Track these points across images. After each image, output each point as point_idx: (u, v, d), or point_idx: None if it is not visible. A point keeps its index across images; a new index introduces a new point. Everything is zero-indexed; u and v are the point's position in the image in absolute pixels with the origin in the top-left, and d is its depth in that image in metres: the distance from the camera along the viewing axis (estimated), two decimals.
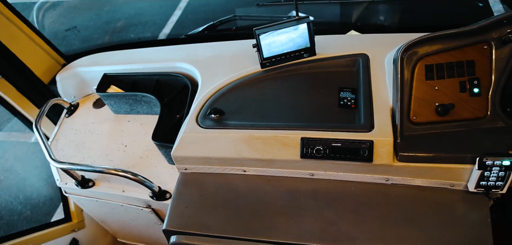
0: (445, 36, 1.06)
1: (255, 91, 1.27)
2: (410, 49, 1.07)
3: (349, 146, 1.04)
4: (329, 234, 1.02)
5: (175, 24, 4.40)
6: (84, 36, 4.46)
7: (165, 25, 4.43)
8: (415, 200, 1.05)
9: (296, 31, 1.26)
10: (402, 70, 1.07)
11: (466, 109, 1.04)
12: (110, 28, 4.52)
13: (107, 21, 4.69)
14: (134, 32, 4.41)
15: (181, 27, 4.35)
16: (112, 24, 4.59)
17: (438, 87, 1.06)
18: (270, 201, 1.11)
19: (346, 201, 1.08)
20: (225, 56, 1.46)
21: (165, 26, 4.44)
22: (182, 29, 4.36)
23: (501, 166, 0.94)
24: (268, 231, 1.05)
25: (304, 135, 1.08)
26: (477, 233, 0.96)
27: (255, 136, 1.12)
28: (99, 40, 4.35)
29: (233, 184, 1.17)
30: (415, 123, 1.06)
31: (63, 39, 4.45)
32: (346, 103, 1.17)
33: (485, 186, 0.99)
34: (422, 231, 0.98)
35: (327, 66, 1.29)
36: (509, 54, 1.03)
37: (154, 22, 4.53)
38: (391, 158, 1.03)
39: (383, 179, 1.08)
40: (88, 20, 4.72)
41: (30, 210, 2.89)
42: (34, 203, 2.92)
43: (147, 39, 1.77)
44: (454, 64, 1.05)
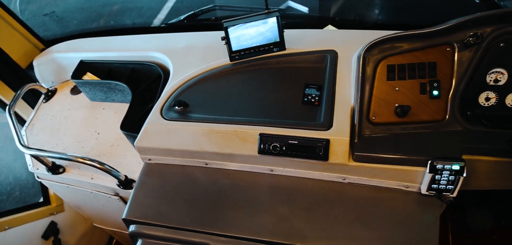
0: (409, 37, 1.04)
1: (222, 84, 1.27)
2: (373, 48, 1.05)
3: (305, 144, 1.04)
4: (282, 230, 1.03)
5: (170, 10, 4.38)
6: (80, 19, 4.46)
7: (161, 11, 4.41)
8: (369, 200, 1.05)
9: (265, 25, 1.25)
10: (364, 69, 1.06)
11: (425, 111, 1.03)
12: (105, 12, 4.51)
13: (103, 4, 4.67)
14: (130, 16, 4.40)
15: (176, 13, 4.33)
16: (108, 7, 4.58)
17: (399, 88, 1.05)
18: (228, 194, 1.12)
19: (302, 198, 1.08)
20: (198, 47, 1.46)
21: (160, 11, 4.42)
22: (177, 16, 4.34)
23: (451, 170, 0.94)
24: (222, 224, 1.06)
25: (263, 131, 1.08)
26: (425, 235, 0.96)
27: (215, 130, 1.12)
28: (94, 23, 4.34)
29: (194, 177, 1.18)
30: (374, 123, 1.06)
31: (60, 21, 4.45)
32: (310, 100, 1.16)
33: (437, 189, 0.99)
34: (372, 231, 0.99)
35: (296, 61, 1.28)
36: (470, 58, 1.01)
37: (150, 7, 4.51)
38: (347, 157, 1.03)
39: (340, 178, 1.09)
40: (84, 2, 4.71)
41: (19, 191, 2.94)
42: (24, 184, 2.98)
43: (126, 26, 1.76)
44: (416, 65, 1.04)
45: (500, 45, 1.00)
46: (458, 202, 1.13)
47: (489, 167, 1.01)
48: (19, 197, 2.89)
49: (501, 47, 1.00)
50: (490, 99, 1.05)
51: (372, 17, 1.62)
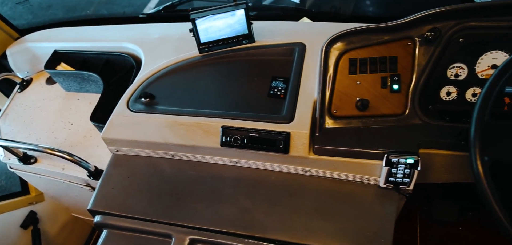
0: (370, 31, 1.04)
1: (190, 76, 1.27)
2: (335, 42, 1.06)
3: (266, 136, 1.04)
4: (242, 221, 1.04)
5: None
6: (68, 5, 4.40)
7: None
8: (330, 192, 1.07)
9: (233, 17, 1.24)
10: (326, 63, 1.06)
11: (386, 105, 1.04)
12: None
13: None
14: (120, 4, 4.35)
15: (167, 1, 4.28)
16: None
17: (360, 81, 1.05)
18: (192, 186, 1.14)
19: (264, 190, 1.09)
20: (171, 38, 1.46)
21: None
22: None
23: (405, 163, 0.95)
24: (185, 215, 1.07)
25: (225, 123, 1.09)
26: (381, 227, 0.98)
27: (179, 122, 1.13)
28: (83, 11, 4.29)
29: (160, 168, 1.19)
30: (336, 117, 1.06)
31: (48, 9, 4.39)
32: (276, 92, 1.17)
33: (394, 182, 1.00)
34: (330, 223, 1.00)
35: (264, 54, 1.28)
36: (431, 53, 1.02)
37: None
38: (307, 150, 1.04)
39: (303, 171, 1.10)
40: None
41: (5, 180, 2.94)
42: (10, 173, 2.97)
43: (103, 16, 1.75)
44: (377, 59, 1.05)
45: (459, 40, 1.01)
46: (428, 194, 1.14)
47: (447, 161, 1.02)
48: (5, 185, 2.89)
49: (460, 42, 1.01)
50: (451, 93, 1.06)
51: (348, 10, 1.61)
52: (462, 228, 1.39)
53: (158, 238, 1.07)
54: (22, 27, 1.74)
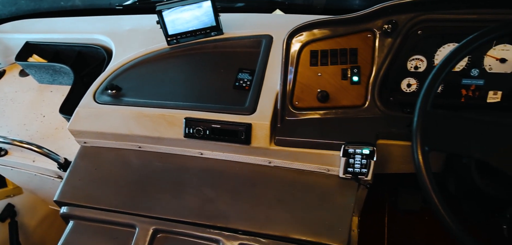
0: (332, 22, 1.05)
1: (157, 68, 1.27)
2: (296, 33, 1.07)
3: (227, 128, 1.06)
4: (205, 211, 1.06)
5: None
6: None
7: None
8: (292, 182, 1.08)
9: (200, 9, 1.24)
10: (287, 55, 1.07)
11: (346, 97, 1.06)
12: None
13: None
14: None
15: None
16: None
17: (322, 73, 1.07)
18: (158, 177, 1.15)
19: (228, 181, 1.11)
20: (142, 30, 1.45)
21: None
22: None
23: (362, 154, 0.97)
24: (149, 206, 1.08)
25: (189, 115, 1.10)
26: (338, 217, 1.00)
27: (144, 114, 1.13)
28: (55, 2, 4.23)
29: (127, 159, 1.20)
30: (297, 108, 1.08)
31: None
32: (241, 84, 1.17)
33: (352, 172, 1.02)
34: (290, 213, 1.02)
35: (232, 46, 1.29)
36: (390, 45, 1.03)
37: None
38: (268, 141, 1.05)
39: (266, 162, 1.11)
40: None
41: None
42: None
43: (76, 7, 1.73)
44: (338, 51, 1.06)
45: (418, 33, 1.02)
46: (395, 184, 1.16)
47: (404, 151, 1.04)
48: None
49: (419, 34, 1.02)
50: (411, 85, 1.08)
51: (322, 2, 1.61)
52: (428, 218, 1.42)
53: (123, 229, 1.08)
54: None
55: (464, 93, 1.05)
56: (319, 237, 0.97)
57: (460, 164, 0.93)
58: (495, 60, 1.01)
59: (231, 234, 1.02)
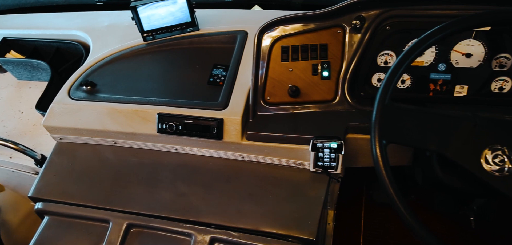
0: (302, 18, 1.06)
1: (133, 64, 1.27)
2: (267, 29, 1.08)
3: (199, 123, 1.07)
4: (178, 205, 1.07)
5: None
6: None
7: None
8: (264, 177, 1.10)
9: (175, 5, 1.25)
10: (259, 50, 1.08)
11: (317, 92, 1.07)
12: None
13: None
14: None
15: None
16: None
17: (293, 69, 1.08)
18: (133, 172, 1.15)
19: (201, 176, 1.12)
20: (120, 26, 1.45)
21: None
22: None
23: (330, 148, 0.99)
24: (123, 201, 1.09)
25: (162, 110, 1.10)
26: (308, 210, 1.01)
27: (118, 110, 1.14)
28: None
29: (102, 155, 1.20)
30: (269, 103, 1.09)
31: None
32: (216, 80, 1.18)
33: (322, 166, 1.03)
34: (261, 206, 1.04)
35: (208, 42, 1.29)
36: (359, 41, 1.05)
37: None
38: (240, 136, 1.06)
39: (239, 156, 1.13)
40: None
41: None
42: None
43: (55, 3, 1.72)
44: (309, 46, 1.07)
45: (387, 28, 1.04)
46: (374, 178, 1.18)
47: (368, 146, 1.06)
48: None
49: (388, 30, 1.04)
50: (381, 80, 1.09)
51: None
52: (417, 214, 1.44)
53: (97, 224, 1.09)
54: None
55: (432, 87, 1.07)
56: (288, 230, 0.99)
57: (425, 156, 0.95)
58: (461, 55, 1.04)
59: (203, 228, 1.03)
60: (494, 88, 1.04)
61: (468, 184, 0.82)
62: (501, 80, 1.03)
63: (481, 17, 0.78)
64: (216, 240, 1.02)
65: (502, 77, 1.03)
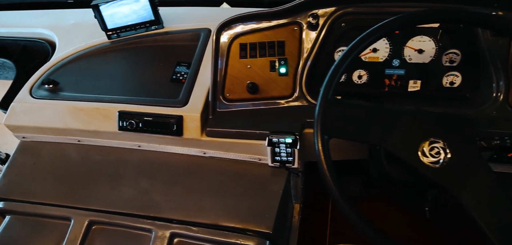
0: (260, 16, 1.08)
1: (96, 62, 1.27)
2: (225, 27, 1.09)
3: (159, 120, 1.08)
4: (140, 202, 1.08)
5: None
6: None
7: None
8: (225, 172, 1.12)
9: (137, 3, 1.25)
10: (217, 48, 1.10)
11: (275, 88, 1.09)
12: None
13: None
14: None
15: None
16: None
17: (251, 65, 1.10)
18: (96, 170, 1.16)
19: (164, 172, 1.13)
20: (86, 24, 1.44)
21: None
22: None
23: (285, 143, 1.01)
24: (85, 198, 1.10)
25: (122, 108, 1.11)
26: (267, 204, 1.04)
27: (79, 108, 1.14)
28: None
29: (66, 153, 1.21)
30: (229, 100, 1.11)
31: None
32: (178, 77, 1.19)
33: (280, 161, 1.06)
34: (221, 201, 1.06)
35: (172, 40, 1.30)
36: (316, 37, 1.07)
37: None
38: (199, 133, 1.08)
39: (201, 152, 1.14)
40: None
41: None
42: None
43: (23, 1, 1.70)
44: (266, 44, 1.09)
45: (342, 25, 1.06)
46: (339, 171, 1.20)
47: None
48: None
49: (343, 26, 1.07)
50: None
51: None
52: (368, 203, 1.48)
53: (58, 222, 1.10)
54: None
55: (388, 82, 1.10)
56: (246, 224, 1.01)
57: (376, 151, 0.98)
58: (413, 50, 1.07)
59: (163, 223, 1.05)
60: (445, 82, 1.07)
61: (412, 176, 0.86)
62: (451, 75, 1.07)
63: (417, 15, 0.81)
64: (176, 235, 1.03)
65: (453, 72, 1.07)
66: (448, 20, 0.82)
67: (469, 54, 1.04)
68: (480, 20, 0.80)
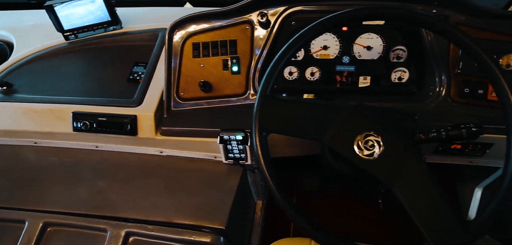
0: (212, 15, 1.10)
1: (53, 63, 1.27)
2: (178, 26, 1.10)
3: (113, 120, 1.08)
4: (95, 202, 1.09)
5: None
6: None
7: None
8: (182, 170, 1.13)
9: (93, 3, 1.25)
10: (170, 47, 1.11)
11: (228, 86, 1.11)
12: None
13: None
14: None
15: None
16: None
17: (204, 64, 1.11)
18: (52, 171, 1.16)
19: (120, 172, 1.14)
20: (45, 25, 1.42)
21: None
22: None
23: (236, 140, 1.03)
24: (40, 200, 1.10)
25: (77, 109, 1.11)
26: (221, 200, 1.06)
27: (33, 110, 1.14)
28: None
29: (22, 156, 1.20)
30: (183, 99, 1.12)
31: None
32: (135, 77, 1.20)
33: (233, 158, 1.08)
34: (176, 199, 1.07)
35: (130, 40, 1.31)
36: (267, 36, 1.09)
37: None
38: (154, 132, 1.09)
39: (157, 151, 1.15)
40: None
41: None
42: None
43: None
44: (219, 43, 1.10)
45: (292, 24, 1.09)
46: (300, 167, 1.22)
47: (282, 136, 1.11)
48: None
49: (293, 25, 1.09)
50: (293, 73, 1.14)
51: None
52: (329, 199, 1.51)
53: (13, 225, 1.09)
54: None
55: (339, 79, 1.13)
56: (200, 221, 1.03)
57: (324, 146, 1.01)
58: (362, 47, 1.10)
59: (119, 223, 1.05)
60: (394, 78, 1.11)
61: (353, 170, 0.88)
62: (399, 71, 1.10)
63: (347, 14, 0.84)
64: (131, 234, 1.04)
65: (400, 68, 1.10)
66: (379, 18, 0.85)
67: (414, 51, 1.08)
68: (403, 16, 0.83)
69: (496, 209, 0.72)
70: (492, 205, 0.72)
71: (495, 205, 0.72)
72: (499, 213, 0.72)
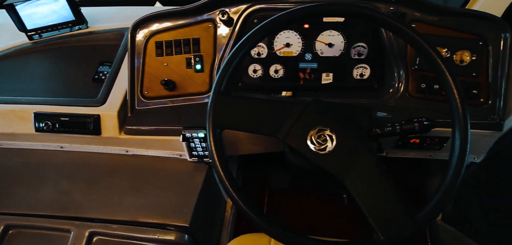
0: (174, 14, 1.10)
1: (16, 63, 1.25)
2: (140, 25, 1.10)
3: (76, 120, 1.08)
4: (59, 203, 1.08)
5: None
6: None
7: None
8: (147, 169, 1.13)
9: (57, 3, 1.23)
10: (133, 47, 1.10)
11: (191, 85, 1.12)
12: None
13: None
14: None
15: None
16: None
17: (168, 63, 1.11)
18: (15, 173, 1.15)
19: (86, 172, 1.14)
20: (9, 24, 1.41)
21: None
22: None
23: (198, 137, 1.04)
24: (1, 202, 1.09)
25: (39, 109, 1.10)
26: (186, 198, 1.07)
27: None
28: None
29: None
30: (147, 98, 1.12)
31: None
32: (101, 77, 1.19)
33: (197, 155, 1.09)
34: (141, 198, 1.07)
35: (96, 39, 1.30)
36: (229, 34, 1.10)
37: None
38: (117, 131, 1.09)
39: (123, 150, 1.15)
40: None
41: None
42: None
43: None
44: (182, 41, 1.11)
45: (254, 22, 1.10)
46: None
47: (246, 134, 1.13)
48: None
49: (255, 23, 1.10)
50: (257, 70, 1.15)
51: None
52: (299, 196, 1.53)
53: None
54: None
55: (302, 76, 1.15)
56: (165, 219, 1.04)
57: None
58: (324, 44, 1.12)
59: (83, 223, 1.05)
60: (355, 75, 1.13)
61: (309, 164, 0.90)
62: (361, 67, 1.13)
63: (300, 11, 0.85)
64: (95, 233, 1.04)
65: (362, 65, 1.12)
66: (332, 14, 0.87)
67: (374, 48, 1.10)
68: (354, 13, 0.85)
69: (441, 200, 0.74)
70: (436, 197, 0.75)
71: (439, 197, 0.74)
72: (445, 205, 0.75)
